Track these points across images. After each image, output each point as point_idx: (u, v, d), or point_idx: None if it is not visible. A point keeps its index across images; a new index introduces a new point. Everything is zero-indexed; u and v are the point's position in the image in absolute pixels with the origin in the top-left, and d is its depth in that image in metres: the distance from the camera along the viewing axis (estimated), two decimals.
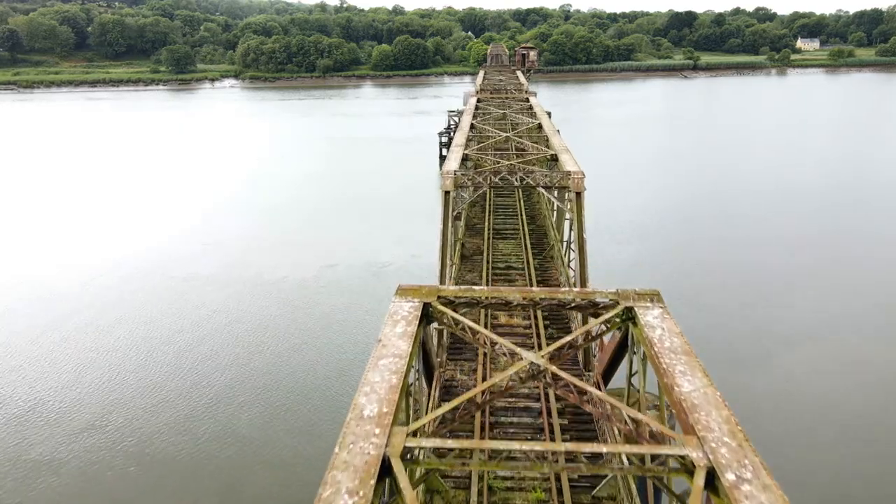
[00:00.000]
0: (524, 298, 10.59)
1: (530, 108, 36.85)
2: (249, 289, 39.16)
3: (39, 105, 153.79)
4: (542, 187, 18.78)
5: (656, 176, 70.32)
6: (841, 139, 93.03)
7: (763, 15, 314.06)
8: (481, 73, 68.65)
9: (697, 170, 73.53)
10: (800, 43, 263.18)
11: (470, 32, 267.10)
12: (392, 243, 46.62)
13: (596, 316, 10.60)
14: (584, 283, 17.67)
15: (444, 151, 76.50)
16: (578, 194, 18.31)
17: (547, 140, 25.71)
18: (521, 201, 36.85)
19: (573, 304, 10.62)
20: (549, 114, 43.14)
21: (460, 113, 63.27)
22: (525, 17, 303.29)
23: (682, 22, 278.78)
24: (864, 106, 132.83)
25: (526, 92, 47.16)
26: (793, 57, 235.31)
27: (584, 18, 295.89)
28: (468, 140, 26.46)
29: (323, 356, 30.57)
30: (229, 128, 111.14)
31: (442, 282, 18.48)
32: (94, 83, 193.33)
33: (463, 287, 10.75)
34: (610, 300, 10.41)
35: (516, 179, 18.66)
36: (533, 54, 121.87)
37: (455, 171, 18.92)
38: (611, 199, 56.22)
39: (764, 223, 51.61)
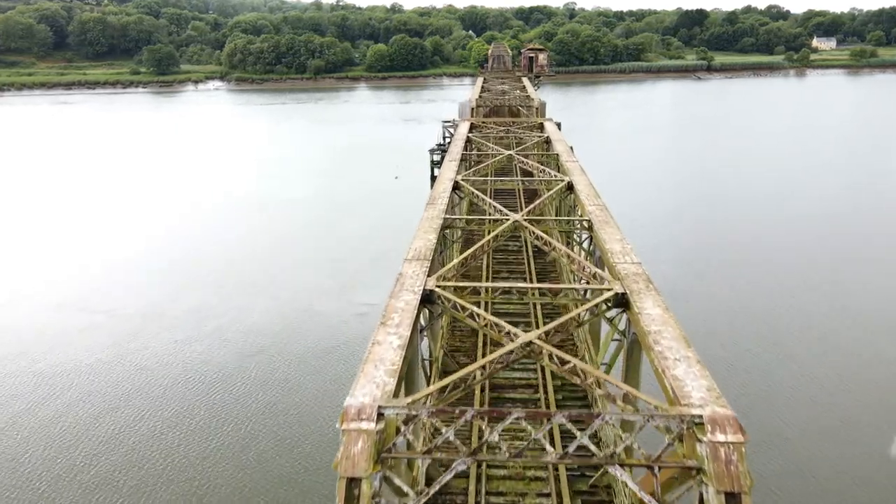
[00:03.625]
0: None
1: (547, 141, 24.74)
2: (136, 396, 27.08)
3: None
4: (620, 466, 6.66)
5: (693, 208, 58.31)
6: None
7: (776, 13, 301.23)
8: (479, 81, 56.09)
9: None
10: (816, 42, 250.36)
11: (470, 31, 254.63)
12: (352, 313, 34.54)
13: None
14: None
15: (436, 171, 64.20)
16: (733, 495, 6.29)
17: (590, 228, 13.64)
18: (532, 265, 24.04)
19: None
20: (558, 125, 31.19)
21: (455, 125, 51.06)
22: (528, 16, 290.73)
23: (693, 20, 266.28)
24: None
25: (537, 111, 34.98)
26: (812, 57, 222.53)
27: (589, 17, 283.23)
28: (444, 226, 14.38)
29: None
30: (188, 138, 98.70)
31: None
32: (69, 85, 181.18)
33: None
34: None
35: (554, 454, 6.10)
36: (542, 57, 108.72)
37: (379, 408, 6.76)
38: (633, 226, 44.13)
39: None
